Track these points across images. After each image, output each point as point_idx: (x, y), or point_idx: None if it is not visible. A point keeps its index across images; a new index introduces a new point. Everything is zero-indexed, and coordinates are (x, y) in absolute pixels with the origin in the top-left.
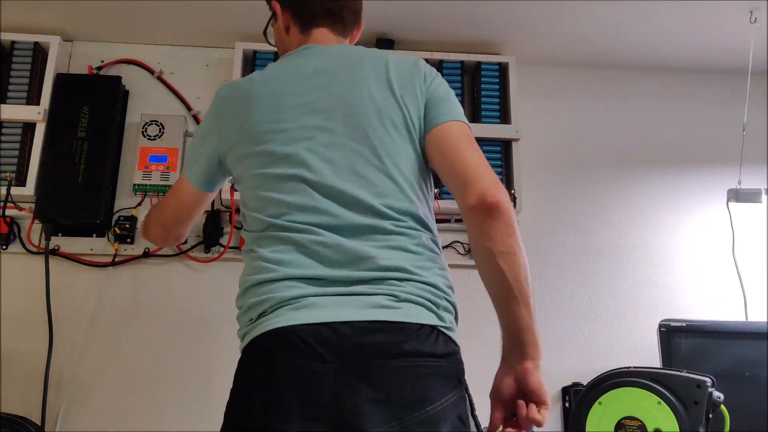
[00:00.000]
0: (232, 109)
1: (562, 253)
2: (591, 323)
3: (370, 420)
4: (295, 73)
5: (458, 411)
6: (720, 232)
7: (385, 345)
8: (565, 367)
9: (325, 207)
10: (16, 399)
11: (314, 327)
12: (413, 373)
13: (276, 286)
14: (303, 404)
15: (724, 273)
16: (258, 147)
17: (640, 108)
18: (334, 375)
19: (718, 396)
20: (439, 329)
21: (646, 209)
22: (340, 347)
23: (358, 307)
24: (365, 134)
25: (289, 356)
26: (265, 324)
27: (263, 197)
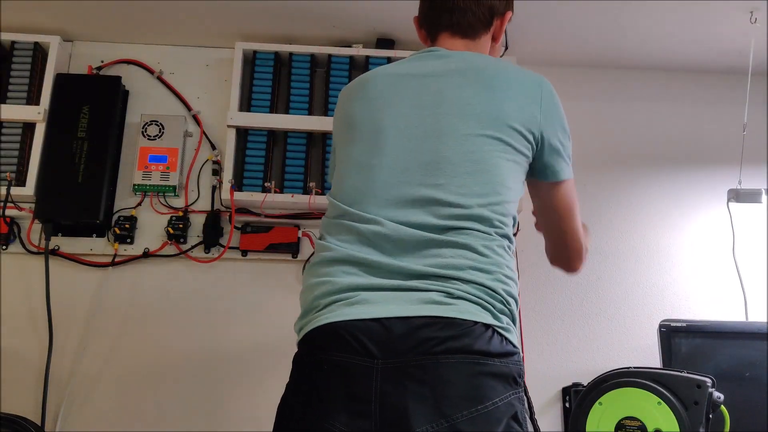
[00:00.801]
0: (341, 103)
1: None
2: (591, 323)
3: (416, 417)
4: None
5: (513, 411)
6: (720, 232)
7: (434, 341)
8: (565, 367)
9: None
10: (16, 399)
11: (365, 323)
12: (464, 370)
13: (334, 269)
14: (349, 400)
15: (725, 273)
16: (349, 132)
17: (640, 108)
18: (382, 371)
19: (719, 396)
20: (494, 328)
21: (646, 209)
22: (389, 343)
23: (410, 302)
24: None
25: (338, 352)
26: (318, 318)
27: (341, 184)
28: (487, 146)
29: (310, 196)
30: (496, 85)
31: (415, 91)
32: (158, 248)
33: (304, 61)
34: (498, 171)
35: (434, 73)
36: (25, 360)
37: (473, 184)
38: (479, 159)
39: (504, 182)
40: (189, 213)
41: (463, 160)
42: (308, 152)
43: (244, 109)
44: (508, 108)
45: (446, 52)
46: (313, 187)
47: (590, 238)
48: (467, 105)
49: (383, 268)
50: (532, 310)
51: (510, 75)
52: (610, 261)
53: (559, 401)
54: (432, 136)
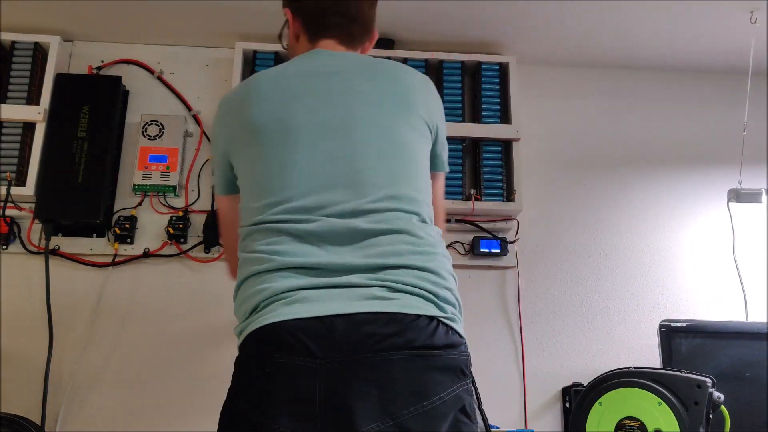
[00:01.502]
0: (230, 110)
1: (562, 252)
2: (591, 323)
3: (362, 416)
4: (298, 70)
5: (461, 404)
6: (720, 232)
7: (377, 337)
8: (566, 367)
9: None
10: (16, 399)
11: (306, 322)
12: (409, 366)
13: (271, 276)
14: (292, 402)
15: (725, 273)
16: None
17: (640, 108)
18: (325, 371)
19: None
20: (439, 320)
21: (646, 209)
22: (331, 342)
23: (351, 299)
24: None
25: (279, 353)
26: (258, 320)
27: (259, 187)
28: (401, 130)
29: None
30: (398, 77)
31: (321, 87)
32: (158, 248)
33: None
34: (414, 153)
35: (334, 69)
36: (25, 360)
37: (396, 166)
38: (396, 142)
39: (422, 165)
40: (189, 213)
41: (382, 143)
42: None
43: None
44: (412, 97)
45: (332, 52)
46: None
47: None
48: (378, 95)
49: (322, 268)
50: (532, 310)
51: (406, 70)
52: (610, 261)
53: (559, 401)
54: (348, 126)
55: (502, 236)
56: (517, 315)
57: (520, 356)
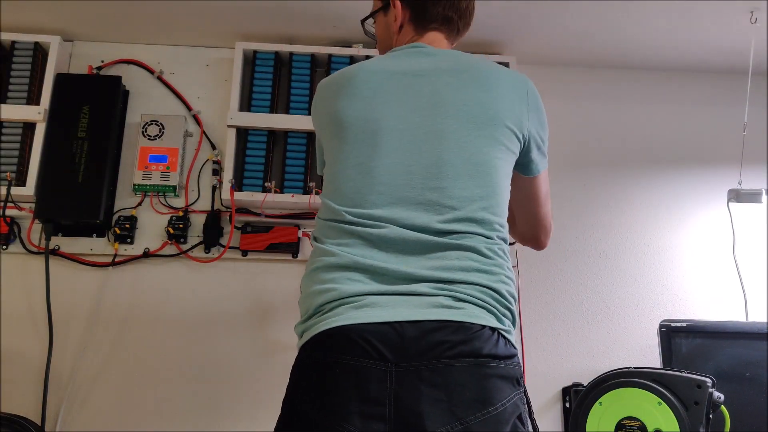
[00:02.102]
0: (324, 98)
1: (562, 252)
2: (591, 323)
3: (431, 420)
4: (395, 68)
5: (518, 412)
6: (720, 232)
7: (446, 344)
8: (566, 367)
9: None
10: (16, 399)
11: (377, 326)
12: (475, 373)
13: (339, 276)
14: (363, 403)
15: (725, 273)
16: (341, 131)
17: (640, 108)
18: (396, 374)
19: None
20: (499, 331)
21: (647, 209)
22: (402, 346)
23: (419, 306)
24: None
25: (350, 355)
26: (326, 322)
27: (337, 185)
28: (485, 148)
29: (310, 196)
30: (488, 84)
31: (410, 91)
32: (158, 248)
33: (304, 61)
34: (496, 173)
35: (426, 72)
36: (25, 360)
37: (474, 187)
38: (479, 162)
39: (500, 184)
40: (189, 213)
41: (463, 162)
42: (308, 152)
43: (245, 109)
44: (500, 107)
45: (433, 50)
46: (314, 187)
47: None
48: (463, 106)
49: (389, 274)
50: (532, 310)
51: (499, 74)
52: (610, 261)
53: (559, 401)
54: (432, 138)
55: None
56: (518, 315)
57: (521, 356)
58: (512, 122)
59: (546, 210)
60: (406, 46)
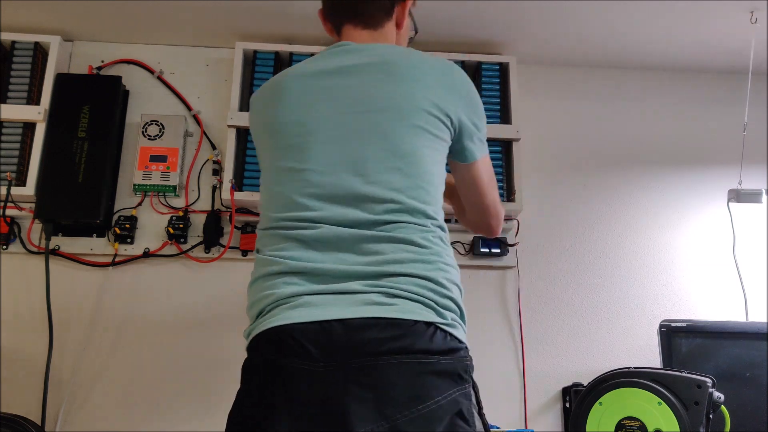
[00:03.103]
0: (256, 111)
1: (563, 252)
2: (591, 323)
3: (357, 419)
4: (321, 68)
5: (457, 408)
6: (720, 232)
7: (374, 342)
8: (566, 367)
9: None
10: (16, 399)
11: (307, 325)
12: (406, 370)
13: (276, 281)
14: (291, 403)
15: (725, 273)
16: (272, 139)
17: (640, 108)
18: (323, 373)
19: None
20: (437, 326)
21: (647, 209)
22: (330, 345)
23: (351, 304)
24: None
25: (280, 355)
26: (263, 323)
27: (270, 193)
28: (410, 138)
29: None
30: (411, 75)
31: (334, 91)
32: (158, 248)
33: None
34: (423, 161)
35: (349, 69)
36: (25, 360)
37: (402, 178)
38: (405, 152)
39: (430, 171)
40: (189, 213)
41: (389, 155)
42: None
43: (245, 109)
44: (424, 95)
45: (356, 46)
46: None
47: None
48: (387, 99)
49: (324, 274)
50: (532, 310)
51: (424, 65)
52: (610, 261)
53: (559, 401)
54: (359, 135)
55: (502, 236)
56: (517, 315)
57: (520, 356)
58: (437, 109)
59: (491, 197)
60: (332, 46)
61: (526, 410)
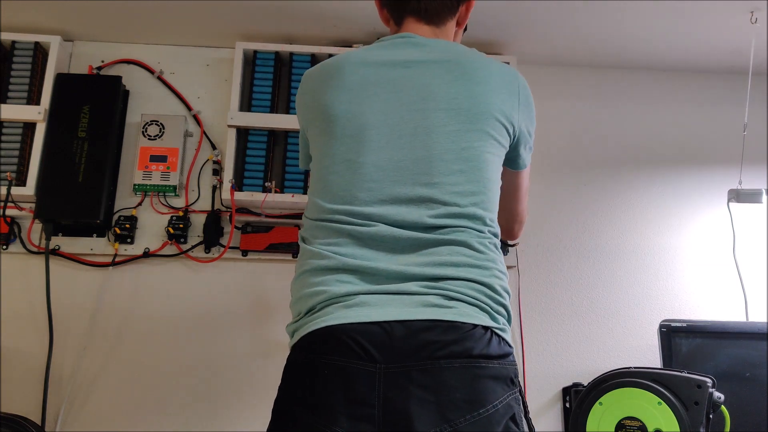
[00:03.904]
0: (310, 90)
1: (563, 252)
2: (591, 323)
3: (419, 422)
4: (381, 59)
5: (511, 413)
6: (720, 232)
7: (436, 345)
8: (566, 367)
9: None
10: (16, 399)
11: (366, 326)
12: (465, 374)
13: (328, 278)
14: (351, 405)
15: (725, 273)
16: (327, 125)
17: (640, 108)
18: (384, 375)
19: (719, 396)
20: (493, 330)
21: (647, 209)
22: (391, 347)
23: (409, 305)
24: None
25: (339, 355)
26: (315, 322)
27: (325, 182)
28: (476, 142)
29: None
30: (480, 77)
31: (398, 84)
32: (158, 248)
33: (304, 61)
34: (487, 167)
35: (415, 63)
36: (25, 360)
37: (466, 182)
38: (470, 156)
39: (491, 179)
40: (189, 213)
41: (454, 157)
42: None
43: (245, 109)
44: (492, 100)
45: (422, 40)
46: None
47: None
48: (454, 99)
49: (379, 274)
50: (532, 310)
51: (491, 68)
52: (610, 261)
53: (559, 401)
54: (422, 133)
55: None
56: (517, 315)
57: (520, 356)
58: (503, 116)
59: (524, 205)
60: (394, 36)
61: None
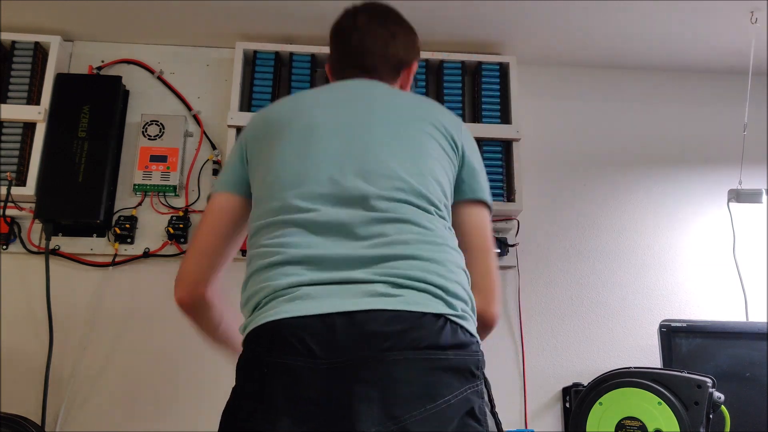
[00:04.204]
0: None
1: (563, 252)
2: (591, 323)
3: (363, 420)
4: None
5: (469, 406)
6: (721, 232)
7: (380, 337)
8: (566, 367)
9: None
10: (16, 399)
11: (306, 320)
12: (412, 367)
13: (273, 273)
14: (292, 404)
15: (725, 273)
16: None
17: (640, 108)
18: (326, 372)
19: (719, 396)
20: (447, 317)
21: (647, 209)
22: (333, 341)
23: (354, 295)
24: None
25: (279, 353)
26: (259, 318)
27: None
28: (417, 135)
29: None
30: (422, 102)
31: (346, 96)
32: (159, 248)
33: (304, 61)
34: (429, 158)
35: (359, 87)
36: (25, 360)
37: (410, 165)
38: (412, 146)
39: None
40: (189, 213)
41: (398, 144)
42: None
43: (245, 109)
44: (434, 115)
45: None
46: None
47: None
48: (398, 107)
49: (325, 261)
50: (532, 310)
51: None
52: (610, 261)
53: (559, 401)
54: (366, 126)
55: (502, 236)
56: (517, 315)
57: (520, 356)
58: (443, 128)
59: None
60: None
61: (526, 410)
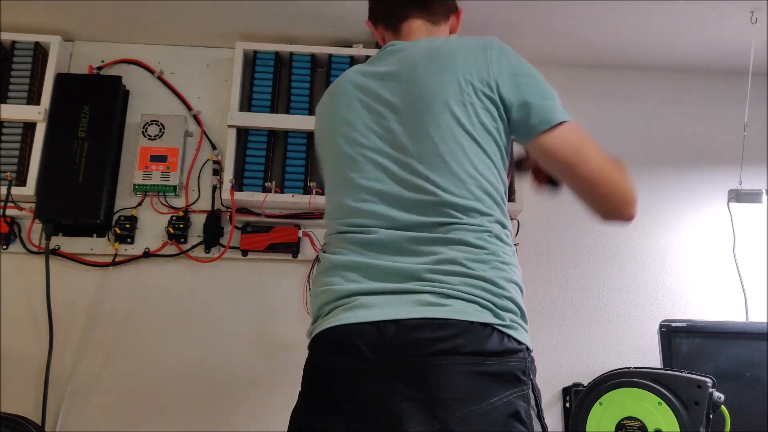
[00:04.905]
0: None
1: (563, 252)
2: (591, 323)
3: (407, 420)
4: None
5: (513, 410)
6: (721, 232)
7: (425, 342)
8: (566, 367)
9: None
10: (16, 399)
11: (360, 326)
12: (454, 371)
13: (335, 277)
14: (346, 403)
15: (725, 273)
16: (321, 152)
17: (640, 108)
18: (374, 373)
19: (719, 396)
20: (494, 326)
21: (647, 209)
22: (382, 345)
23: (405, 304)
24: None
25: (333, 355)
26: (321, 324)
27: (328, 200)
28: (454, 133)
29: (310, 196)
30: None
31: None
32: (159, 248)
33: (304, 61)
34: (470, 159)
35: (393, 73)
36: (25, 360)
37: (451, 177)
38: (449, 151)
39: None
40: (189, 213)
41: (434, 155)
42: (309, 152)
43: (245, 109)
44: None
45: (402, 45)
46: (314, 187)
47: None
48: (419, 94)
49: (381, 270)
50: (533, 310)
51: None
52: (610, 260)
53: (559, 401)
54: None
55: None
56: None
57: None
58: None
59: (588, 169)
60: (383, 48)
61: None
